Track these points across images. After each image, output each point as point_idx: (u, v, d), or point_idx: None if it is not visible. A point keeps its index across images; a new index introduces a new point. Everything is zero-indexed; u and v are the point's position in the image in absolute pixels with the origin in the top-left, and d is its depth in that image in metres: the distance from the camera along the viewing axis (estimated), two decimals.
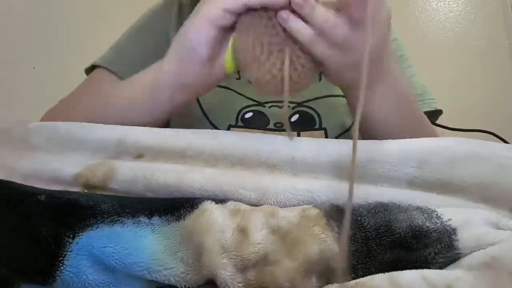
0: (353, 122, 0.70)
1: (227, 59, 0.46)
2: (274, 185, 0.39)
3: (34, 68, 1.48)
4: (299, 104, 0.69)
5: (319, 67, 0.44)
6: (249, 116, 0.69)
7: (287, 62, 0.41)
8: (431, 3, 2.09)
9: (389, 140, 0.42)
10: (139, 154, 0.43)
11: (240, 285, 0.32)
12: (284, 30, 0.41)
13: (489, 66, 1.96)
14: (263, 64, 0.41)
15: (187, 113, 0.71)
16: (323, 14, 0.40)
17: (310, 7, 0.40)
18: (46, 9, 1.54)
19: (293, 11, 0.40)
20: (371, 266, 0.33)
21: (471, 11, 2.04)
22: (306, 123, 0.69)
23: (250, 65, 0.42)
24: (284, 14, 0.40)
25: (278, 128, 0.68)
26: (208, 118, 0.70)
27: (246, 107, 0.69)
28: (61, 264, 0.32)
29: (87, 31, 1.63)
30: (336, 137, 0.69)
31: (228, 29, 0.44)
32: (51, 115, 0.63)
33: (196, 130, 0.46)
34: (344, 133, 0.70)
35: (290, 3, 0.40)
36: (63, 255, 0.33)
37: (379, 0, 0.41)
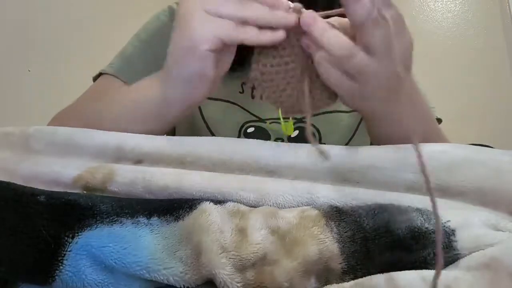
0: (351, 138, 0.72)
1: (283, 127, 0.57)
2: (273, 187, 0.39)
3: (29, 71, 1.48)
4: (299, 120, 0.70)
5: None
6: (251, 131, 0.70)
7: (307, 88, 0.41)
8: (429, 3, 2.09)
9: (387, 146, 0.42)
10: (138, 160, 0.43)
11: (239, 285, 0.32)
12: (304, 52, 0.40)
13: (487, 66, 1.97)
14: (284, 87, 0.41)
15: (190, 126, 0.72)
16: (336, 39, 0.37)
17: (320, 29, 0.37)
18: (41, 13, 1.54)
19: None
20: (370, 267, 0.33)
21: (469, 11, 2.05)
22: (306, 139, 0.69)
23: (272, 87, 0.42)
24: (305, 39, 0.39)
25: None
26: (211, 131, 0.71)
27: (248, 122, 0.70)
28: (60, 264, 0.32)
29: (82, 35, 1.63)
30: None
31: None
32: (58, 121, 0.62)
33: (195, 137, 0.45)
34: None
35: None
36: (63, 255, 0.33)
37: (397, 27, 0.37)
